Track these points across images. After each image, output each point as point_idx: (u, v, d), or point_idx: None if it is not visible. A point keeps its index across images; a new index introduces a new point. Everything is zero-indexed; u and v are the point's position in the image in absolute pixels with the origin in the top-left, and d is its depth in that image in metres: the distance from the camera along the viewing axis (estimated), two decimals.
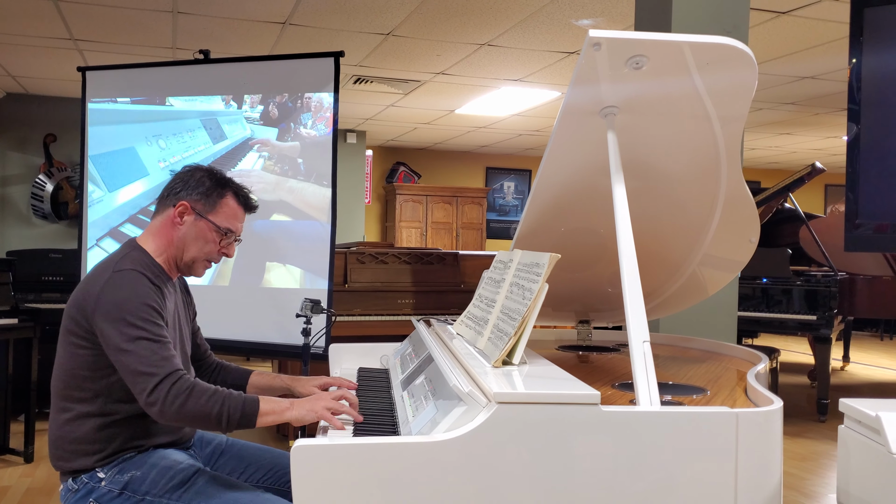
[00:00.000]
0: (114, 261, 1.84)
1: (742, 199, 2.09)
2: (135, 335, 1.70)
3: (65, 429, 1.81)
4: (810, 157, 10.62)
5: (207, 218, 1.92)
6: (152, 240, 1.93)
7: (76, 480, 1.80)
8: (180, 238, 1.92)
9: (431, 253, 4.75)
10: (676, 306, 2.55)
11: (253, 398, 1.72)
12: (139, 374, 1.67)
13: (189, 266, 1.96)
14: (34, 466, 4.04)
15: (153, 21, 4.95)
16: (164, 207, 1.94)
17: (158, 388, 1.66)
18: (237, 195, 1.97)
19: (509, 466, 1.36)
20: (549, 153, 1.90)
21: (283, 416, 1.73)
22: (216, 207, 1.93)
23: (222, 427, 1.69)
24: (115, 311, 1.72)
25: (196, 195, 1.91)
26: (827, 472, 4.25)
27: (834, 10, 4.40)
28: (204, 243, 1.93)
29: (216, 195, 1.93)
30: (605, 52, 1.61)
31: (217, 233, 1.94)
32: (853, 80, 2.64)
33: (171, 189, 1.94)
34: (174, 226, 1.92)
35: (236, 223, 1.98)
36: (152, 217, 1.98)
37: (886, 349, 9.27)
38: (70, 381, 1.81)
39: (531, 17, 4.73)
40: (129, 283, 1.77)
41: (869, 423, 1.45)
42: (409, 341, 2.47)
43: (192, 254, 1.94)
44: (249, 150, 3.82)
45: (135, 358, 1.68)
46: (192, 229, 1.92)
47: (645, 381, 1.48)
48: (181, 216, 1.91)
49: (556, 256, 1.67)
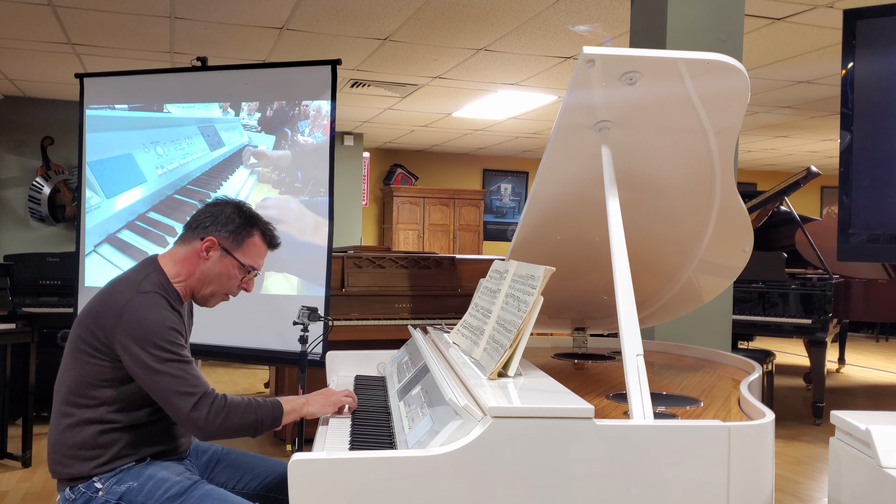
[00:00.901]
0: (136, 280, 1.87)
1: (735, 210, 2.11)
2: (165, 357, 1.75)
3: (65, 434, 1.83)
4: (806, 159, 10.65)
5: (234, 255, 1.94)
6: (174, 265, 1.95)
7: (73, 490, 1.81)
8: (203, 272, 1.94)
9: (428, 257, 4.76)
10: (672, 314, 2.57)
11: (275, 402, 1.85)
12: (177, 393, 1.74)
13: (206, 298, 1.99)
14: (32, 471, 4.05)
15: (150, 26, 4.96)
16: (191, 238, 1.95)
17: (199, 406, 1.74)
18: (264, 234, 2.00)
19: (504, 480, 1.37)
20: (544, 165, 1.92)
21: (302, 411, 1.87)
22: (243, 245, 1.95)
23: (256, 433, 1.82)
24: (142, 333, 1.76)
25: (225, 232, 1.93)
26: (822, 475, 4.27)
27: (828, 16, 4.43)
28: (226, 279, 1.96)
29: (244, 233, 1.95)
30: (600, 69, 1.63)
31: (241, 270, 1.97)
32: (846, 91, 2.67)
33: (199, 221, 1.96)
34: (199, 259, 1.94)
35: (260, 260, 2.01)
36: (177, 242, 1.99)
37: (882, 351, 9.29)
38: (76, 388, 1.83)
39: (527, 23, 4.74)
40: (154, 306, 1.81)
41: (859, 436, 1.47)
42: (406, 349, 2.48)
43: (212, 288, 1.97)
44: (245, 161, 3.83)
45: (169, 379, 1.75)
46: (217, 265, 1.94)
47: (638, 394, 1.50)
48: (207, 251, 1.93)
49: (550, 269, 1.69)
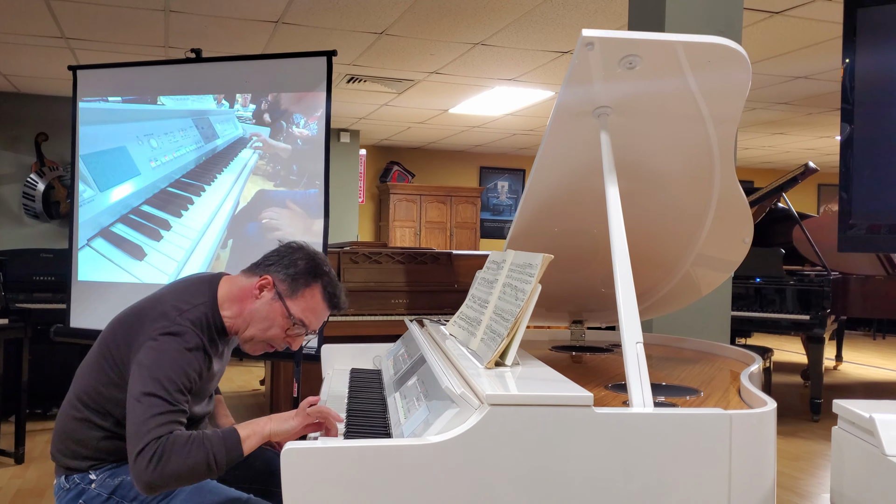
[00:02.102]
0: (179, 309, 1.74)
1: (735, 200, 2.08)
2: (152, 391, 1.60)
3: (72, 425, 1.79)
4: (803, 156, 10.65)
5: (284, 301, 1.81)
6: (229, 296, 1.84)
7: (68, 479, 1.80)
8: (251, 311, 1.82)
9: (425, 253, 4.74)
10: (670, 306, 2.55)
11: (230, 430, 1.62)
12: (134, 432, 1.56)
13: (245, 341, 1.86)
14: (25, 468, 4.01)
15: (145, 19, 4.93)
16: (253, 273, 1.86)
17: (142, 453, 1.53)
18: (325, 290, 1.85)
19: (502, 469, 1.35)
20: (541, 153, 1.89)
21: (263, 432, 1.65)
22: (298, 295, 1.82)
23: (213, 474, 1.57)
24: (150, 360, 1.65)
25: (283, 275, 1.82)
26: (820, 471, 4.25)
27: (827, 9, 4.41)
28: (269, 325, 1.82)
29: (303, 282, 1.82)
30: (599, 52, 1.60)
31: (288, 319, 1.82)
32: (847, 81, 2.64)
33: (266, 258, 1.87)
34: (251, 296, 1.83)
35: (313, 318, 1.85)
36: (243, 271, 1.90)
37: (879, 349, 9.29)
38: (90, 390, 1.78)
39: (525, 17, 4.72)
40: (179, 344, 1.68)
41: (863, 424, 1.44)
42: (402, 342, 2.46)
43: (253, 332, 1.84)
44: (242, 148, 3.80)
45: (140, 410, 1.58)
46: (265, 308, 1.82)
47: (638, 382, 1.47)
48: (261, 290, 1.82)
49: (548, 257, 1.67)
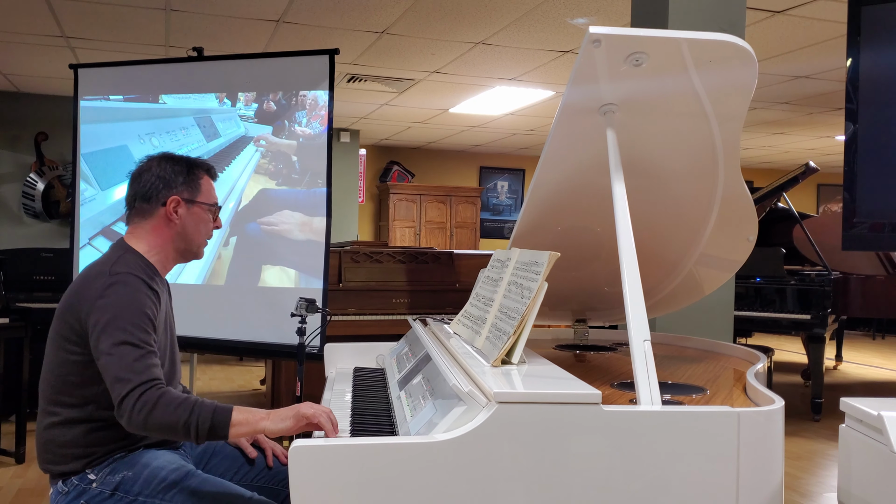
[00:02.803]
0: (108, 263, 1.82)
1: (740, 198, 2.08)
2: (120, 339, 1.67)
3: (52, 432, 1.78)
4: (803, 156, 10.65)
5: (199, 202, 1.97)
6: (145, 240, 1.92)
7: (66, 483, 1.77)
8: (180, 232, 1.95)
9: (426, 252, 4.73)
10: (673, 305, 2.55)
11: (226, 407, 1.64)
12: (115, 379, 1.64)
13: (194, 252, 2.01)
14: (25, 467, 4.00)
15: (146, 19, 4.92)
16: (151, 208, 1.93)
17: (129, 396, 1.61)
18: (208, 171, 2.03)
19: (510, 466, 1.34)
20: (547, 151, 1.89)
21: (257, 426, 1.64)
22: (200, 189, 1.97)
23: (191, 437, 1.61)
24: (108, 316, 1.70)
25: (180, 186, 1.94)
26: (822, 471, 4.25)
27: (829, 9, 4.41)
28: (204, 226, 1.99)
29: (194, 177, 1.97)
30: (605, 49, 1.60)
31: (210, 212, 2.00)
32: (851, 79, 2.64)
33: (149, 190, 1.93)
34: (170, 222, 1.93)
35: (216, 195, 2.05)
36: (134, 220, 1.95)
37: (879, 348, 9.30)
38: (59, 386, 1.78)
39: (526, 16, 4.72)
40: (125, 289, 1.76)
41: (871, 422, 1.44)
42: (406, 340, 2.45)
43: (198, 239, 1.99)
44: (244, 147, 3.79)
45: (115, 361, 1.65)
46: (191, 218, 1.95)
47: (646, 380, 1.47)
48: (175, 211, 1.93)
49: (555, 255, 1.66)
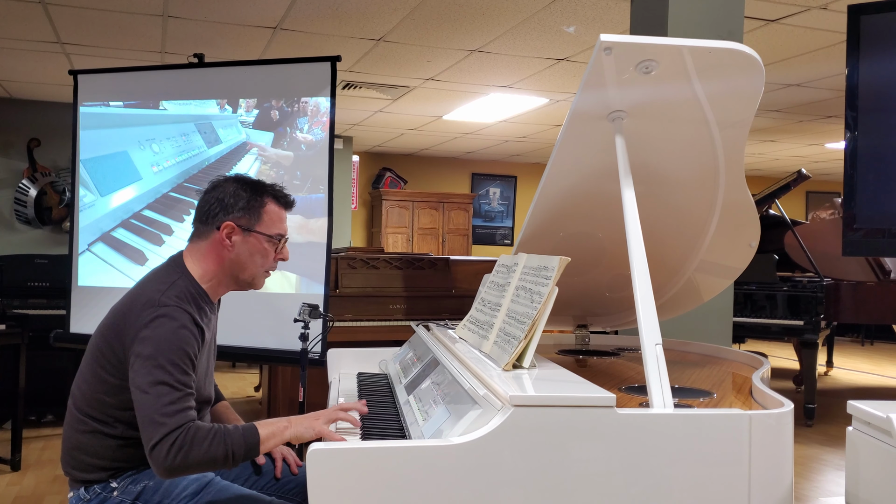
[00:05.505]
0: (160, 290, 1.74)
1: (743, 204, 2.10)
2: (159, 378, 1.61)
3: (81, 440, 1.76)
4: (793, 164, 10.73)
5: (257, 231, 1.85)
6: (199, 264, 1.85)
7: (88, 490, 1.76)
8: (233, 260, 1.85)
9: (423, 258, 4.73)
10: (671, 311, 2.57)
11: (250, 427, 1.64)
12: (150, 421, 1.58)
13: (248, 283, 1.90)
14: (21, 475, 3.98)
15: (143, 25, 4.91)
16: (206, 231, 1.85)
17: (163, 441, 1.55)
18: (276, 198, 1.90)
19: (525, 469, 1.35)
20: (555, 156, 1.91)
21: (283, 436, 1.66)
22: (261, 218, 1.85)
23: (228, 466, 1.60)
24: (149, 350, 1.64)
25: (238, 212, 1.83)
26: (816, 475, 4.28)
27: (823, 18, 4.46)
28: (261, 257, 1.87)
29: (257, 204, 1.85)
30: (616, 57, 1.62)
31: (270, 243, 1.87)
32: (850, 87, 2.68)
33: (207, 210, 1.85)
34: (224, 249, 1.84)
35: (283, 225, 1.91)
36: (192, 239, 1.89)
37: (868, 354, 9.39)
38: (92, 402, 1.75)
39: (522, 24, 4.75)
40: (172, 324, 1.68)
41: (879, 424, 1.46)
42: (409, 346, 2.46)
43: (252, 271, 1.88)
44: (245, 154, 3.80)
45: (151, 402, 1.59)
46: (245, 247, 1.85)
47: (658, 383, 1.48)
48: (229, 237, 1.83)
49: (566, 259, 1.68)
